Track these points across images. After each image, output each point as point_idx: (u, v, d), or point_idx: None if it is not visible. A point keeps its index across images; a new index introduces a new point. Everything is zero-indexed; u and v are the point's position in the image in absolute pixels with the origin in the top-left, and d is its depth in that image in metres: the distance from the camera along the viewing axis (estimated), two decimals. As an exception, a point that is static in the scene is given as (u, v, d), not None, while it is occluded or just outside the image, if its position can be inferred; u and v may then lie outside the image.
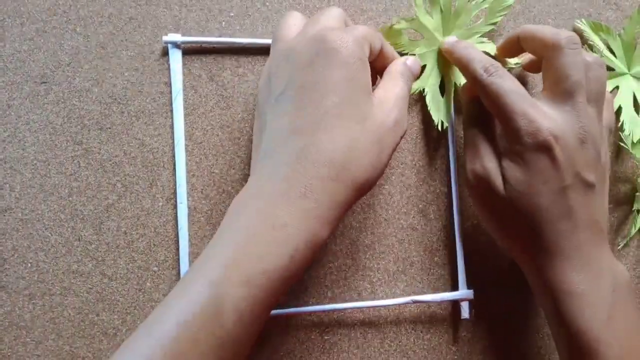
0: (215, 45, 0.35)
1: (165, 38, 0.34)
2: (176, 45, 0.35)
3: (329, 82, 0.26)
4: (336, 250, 0.36)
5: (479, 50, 0.33)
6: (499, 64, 0.31)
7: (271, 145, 0.26)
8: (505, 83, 0.30)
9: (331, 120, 0.25)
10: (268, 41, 0.35)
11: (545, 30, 0.31)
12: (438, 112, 0.36)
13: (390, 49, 0.32)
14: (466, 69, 0.32)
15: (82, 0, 0.35)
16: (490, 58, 0.32)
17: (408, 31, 0.36)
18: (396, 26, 0.35)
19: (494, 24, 0.36)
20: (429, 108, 0.36)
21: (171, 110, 0.35)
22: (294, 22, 0.30)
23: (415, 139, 0.37)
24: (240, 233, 0.24)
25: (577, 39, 0.30)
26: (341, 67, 0.26)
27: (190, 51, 0.35)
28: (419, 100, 0.37)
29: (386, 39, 0.35)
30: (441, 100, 0.36)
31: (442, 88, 0.36)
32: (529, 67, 0.37)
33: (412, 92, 0.34)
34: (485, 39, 0.36)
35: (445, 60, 0.36)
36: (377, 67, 0.32)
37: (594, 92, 0.30)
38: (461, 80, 0.36)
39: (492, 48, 0.36)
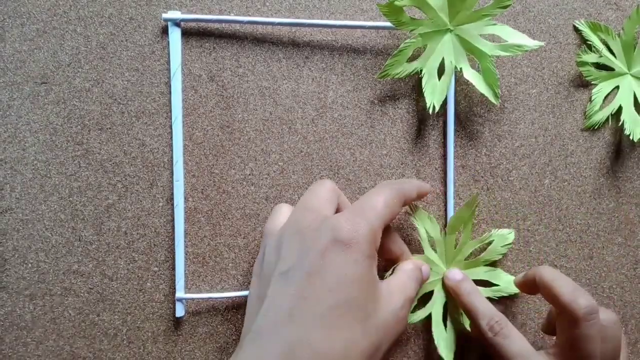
0: (216, 25, 0.35)
1: (164, 15, 0.34)
2: (175, 23, 0.35)
3: (337, 278, 0.26)
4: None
5: (482, 298, 0.33)
6: (503, 319, 0.32)
7: (265, 323, 0.26)
8: (511, 345, 0.30)
9: (332, 319, 0.25)
10: (268, 19, 0.35)
11: (564, 289, 0.30)
12: (432, 95, 0.35)
13: (399, 242, 0.33)
14: (471, 319, 0.33)
15: (82, 1, 0.35)
16: (494, 311, 0.32)
17: (410, 10, 0.35)
18: (397, 2, 0.34)
19: (505, 7, 0.34)
20: (423, 89, 0.35)
21: (169, 88, 0.35)
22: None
23: (415, 139, 0.37)
24: None
25: (594, 308, 0.29)
26: (351, 265, 0.26)
27: (190, 31, 0.35)
28: (419, 97, 0.37)
29: (385, 15, 0.34)
30: (437, 83, 0.35)
31: (440, 71, 0.36)
32: (545, 329, 0.36)
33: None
34: (496, 22, 0.35)
35: (447, 47, 0.35)
36: (385, 256, 0.33)
37: (609, 352, 0.30)
38: (462, 64, 0.35)
39: (501, 30, 0.35)
